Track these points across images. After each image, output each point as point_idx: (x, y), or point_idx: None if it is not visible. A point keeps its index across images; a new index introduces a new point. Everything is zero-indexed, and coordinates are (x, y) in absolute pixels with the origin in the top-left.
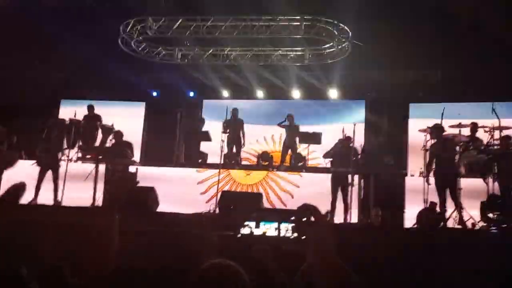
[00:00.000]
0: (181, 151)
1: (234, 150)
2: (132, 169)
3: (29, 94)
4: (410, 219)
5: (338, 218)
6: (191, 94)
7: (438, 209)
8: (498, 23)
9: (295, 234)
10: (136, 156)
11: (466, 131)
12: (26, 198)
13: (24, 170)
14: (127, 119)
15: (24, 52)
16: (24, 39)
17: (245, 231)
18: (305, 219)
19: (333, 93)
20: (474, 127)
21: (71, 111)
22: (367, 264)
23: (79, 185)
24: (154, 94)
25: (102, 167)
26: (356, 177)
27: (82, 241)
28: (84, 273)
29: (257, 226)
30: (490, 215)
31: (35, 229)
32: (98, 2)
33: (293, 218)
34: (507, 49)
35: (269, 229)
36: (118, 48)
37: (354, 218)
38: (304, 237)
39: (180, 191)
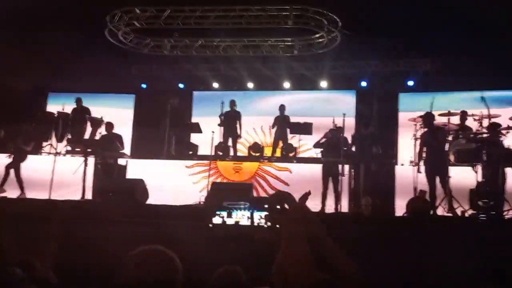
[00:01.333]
0: (171, 143)
1: (230, 142)
2: (122, 161)
3: (17, 88)
4: (400, 207)
5: (329, 208)
6: (181, 85)
7: (427, 197)
8: (486, 12)
9: (269, 223)
10: (126, 149)
11: (455, 120)
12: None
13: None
14: (116, 111)
15: (9, 45)
16: (10, 32)
17: (217, 220)
18: (278, 207)
19: (324, 83)
20: (463, 115)
21: (59, 104)
22: (357, 252)
23: (68, 178)
24: (143, 86)
25: (91, 160)
26: (346, 167)
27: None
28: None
29: (229, 216)
30: (479, 202)
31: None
32: None
33: (266, 206)
34: (496, 38)
35: (242, 218)
36: (106, 40)
37: (344, 207)
38: (278, 225)
39: (170, 183)
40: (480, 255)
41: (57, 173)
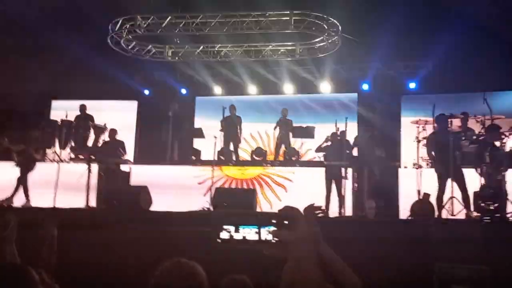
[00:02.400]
0: (174, 148)
1: (231, 147)
2: (125, 168)
3: (20, 96)
4: (404, 210)
5: (333, 212)
6: (183, 91)
7: (431, 200)
8: (488, 13)
9: (277, 239)
10: (129, 155)
11: (457, 122)
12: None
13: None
14: (119, 118)
15: (14, 53)
16: (14, 41)
17: (224, 235)
18: (286, 222)
19: (325, 87)
20: (465, 117)
21: (62, 111)
22: (361, 256)
23: (72, 186)
24: (146, 92)
25: (94, 167)
26: (349, 170)
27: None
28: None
29: (237, 230)
30: (483, 205)
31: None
32: (86, 1)
33: (274, 221)
34: (498, 39)
35: (249, 233)
36: (109, 47)
37: (348, 211)
38: (286, 241)
39: (174, 188)
40: (484, 258)
41: (61, 181)
